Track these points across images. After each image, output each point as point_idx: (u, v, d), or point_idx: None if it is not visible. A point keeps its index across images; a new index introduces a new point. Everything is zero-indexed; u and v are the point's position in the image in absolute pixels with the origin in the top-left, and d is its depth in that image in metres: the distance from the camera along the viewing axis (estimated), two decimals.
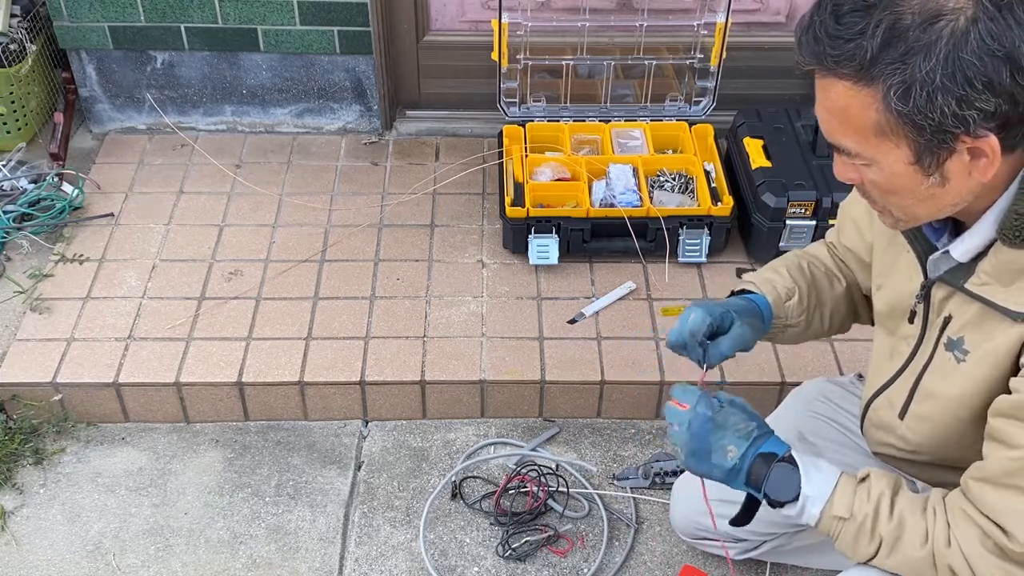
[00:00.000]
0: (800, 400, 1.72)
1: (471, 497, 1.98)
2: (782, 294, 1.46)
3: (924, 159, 1.04)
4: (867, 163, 1.09)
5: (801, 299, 1.46)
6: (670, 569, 1.87)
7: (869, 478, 1.26)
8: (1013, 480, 1.12)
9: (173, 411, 2.11)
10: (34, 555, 1.89)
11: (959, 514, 1.18)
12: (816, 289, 1.49)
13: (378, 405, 2.12)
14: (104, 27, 2.56)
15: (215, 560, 1.88)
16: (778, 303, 1.46)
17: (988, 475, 1.15)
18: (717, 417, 1.29)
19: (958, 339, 1.19)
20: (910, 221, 1.16)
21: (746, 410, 1.33)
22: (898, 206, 1.13)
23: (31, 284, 2.28)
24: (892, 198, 1.12)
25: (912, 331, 1.29)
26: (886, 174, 1.08)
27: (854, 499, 1.24)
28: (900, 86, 0.99)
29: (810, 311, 1.48)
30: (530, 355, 2.12)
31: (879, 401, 1.39)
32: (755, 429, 1.30)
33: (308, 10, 2.52)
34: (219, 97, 2.71)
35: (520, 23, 2.45)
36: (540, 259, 2.30)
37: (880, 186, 1.11)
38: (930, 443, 1.30)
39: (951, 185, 1.06)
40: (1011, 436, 1.11)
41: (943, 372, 1.22)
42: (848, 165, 1.13)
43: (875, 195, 1.14)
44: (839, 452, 1.59)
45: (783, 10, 2.67)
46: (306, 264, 2.34)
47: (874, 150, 1.06)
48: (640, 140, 2.52)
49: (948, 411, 1.23)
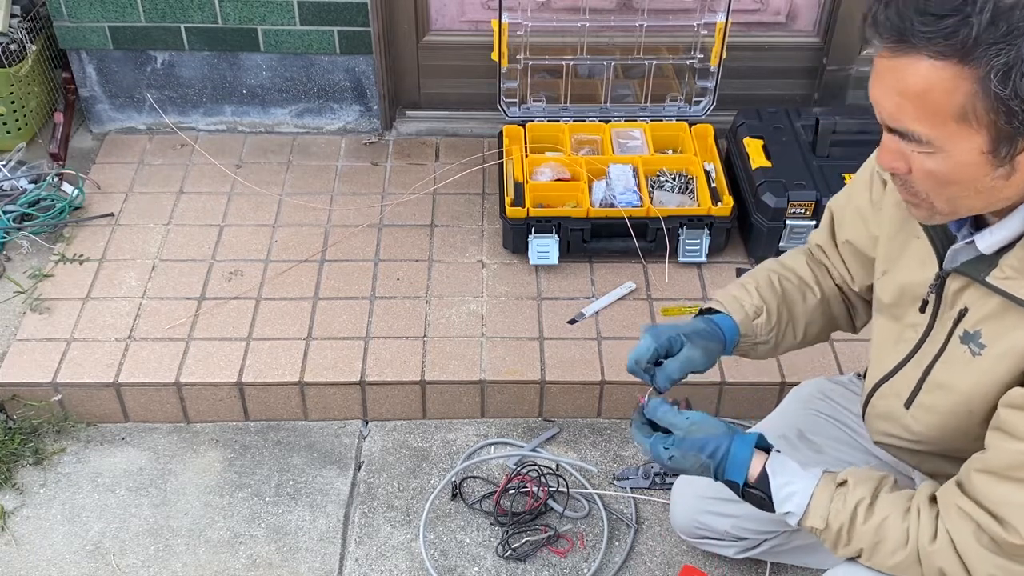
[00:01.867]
0: (800, 399, 1.72)
1: (471, 497, 1.98)
2: (749, 312, 1.46)
3: (1000, 148, 1.00)
4: (932, 151, 1.03)
5: (770, 317, 1.46)
6: (670, 569, 1.87)
7: (847, 483, 1.26)
8: (1019, 473, 1.11)
9: (173, 411, 2.11)
10: (34, 555, 1.89)
11: (953, 511, 1.17)
12: (787, 304, 1.48)
13: (378, 405, 2.12)
14: (104, 27, 2.56)
15: (215, 560, 1.88)
16: (745, 322, 1.45)
17: (992, 467, 1.14)
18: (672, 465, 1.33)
19: (975, 332, 1.17)
20: (949, 215, 1.12)
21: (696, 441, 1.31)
22: (949, 198, 1.08)
23: (31, 284, 2.28)
24: (948, 189, 1.06)
25: (921, 320, 1.27)
26: (952, 163, 1.03)
27: (829, 508, 1.25)
28: (1002, 68, 0.94)
29: (780, 327, 1.47)
30: (530, 355, 2.12)
31: (884, 389, 1.37)
32: (710, 460, 1.31)
33: (308, 10, 2.52)
34: (219, 97, 2.71)
35: (520, 23, 2.45)
36: (540, 259, 2.30)
37: (938, 176, 1.05)
38: (935, 434, 1.29)
39: (1015, 178, 1.03)
40: (1021, 429, 1.10)
41: (956, 364, 1.21)
42: (898, 153, 1.07)
43: (925, 186, 1.08)
44: (839, 450, 1.59)
45: (783, 10, 2.67)
46: (306, 264, 2.34)
47: (950, 137, 1.01)
48: (640, 140, 2.52)
49: (959, 403, 1.21)
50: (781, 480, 1.28)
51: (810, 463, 1.58)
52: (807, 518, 1.27)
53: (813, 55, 2.69)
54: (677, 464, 1.32)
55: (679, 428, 1.32)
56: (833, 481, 1.28)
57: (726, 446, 1.31)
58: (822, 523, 1.26)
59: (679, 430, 1.32)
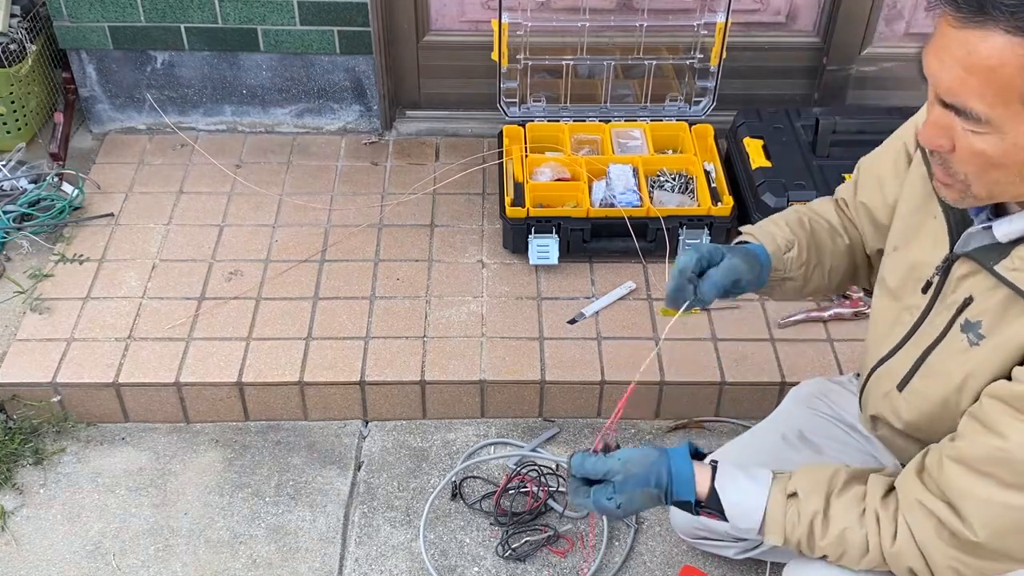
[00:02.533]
0: (800, 399, 1.72)
1: (471, 497, 1.98)
2: (781, 245, 1.42)
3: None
4: (986, 131, 0.99)
5: (800, 252, 1.42)
6: (670, 569, 1.87)
7: (797, 495, 1.25)
8: (991, 469, 1.10)
9: (173, 411, 2.11)
10: (34, 555, 1.89)
11: (914, 506, 1.17)
12: (816, 244, 1.45)
13: (378, 405, 2.12)
14: (104, 27, 2.56)
15: (215, 560, 1.88)
16: (777, 254, 1.42)
17: (967, 457, 1.13)
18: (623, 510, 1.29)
19: (977, 322, 1.15)
20: (985, 200, 1.08)
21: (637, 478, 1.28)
22: (991, 182, 1.04)
23: (31, 284, 2.28)
24: (992, 173, 1.02)
25: (920, 302, 1.26)
26: (1005, 146, 0.99)
27: (784, 523, 1.25)
28: None
29: (809, 266, 1.44)
30: (530, 355, 2.12)
31: (880, 371, 1.36)
32: (657, 489, 1.28)
33: (308, 10, 2.52)
34: (219, 97, 2.71)
35: (520, 23, 2.45)
36: (540, 259, 2.30)
37: (987, 158, 1.01)
38: (922, 421, 1.28)
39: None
40: (1001, 424, 1.09)
41: (953, 352, 1.19)
42: (946, 129, 1.02)
43: (967, 168, 1.04)
44: (839, 450, 1.59)
45: (783, 10, 2.67)
46: (306, 264, 2.34)
47: (1011, 118, 0.96)
48: (640, 140, 2.52)
49: (949, 392, 1.20)
50: (732, 498, 1.27)
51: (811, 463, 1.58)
52: (765, 535, 1.27)
53: (813, 55, 2.69)
54: (628, 507, 1.28)
55: (615, 472, 1.28)
56: (783, 492, 1.26)
57: (666, 469, 1.28)
58: (781, 539, 1.26)
59: (616, 474, 1.28)
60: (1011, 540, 1.11)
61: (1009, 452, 1.08)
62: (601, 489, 1.29)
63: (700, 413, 2.13)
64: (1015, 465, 1.08)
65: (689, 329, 2.18)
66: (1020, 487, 1.09)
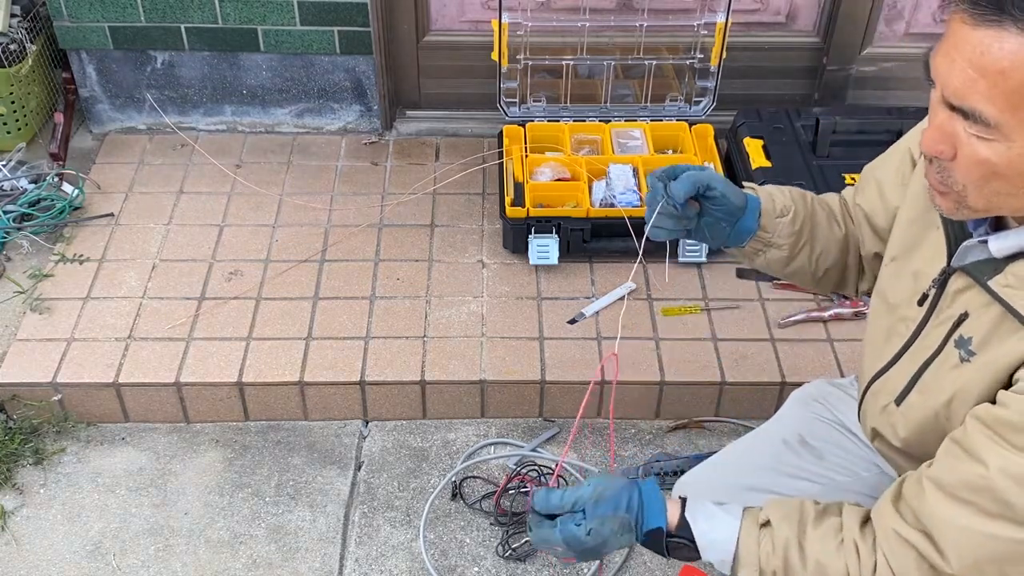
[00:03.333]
0: (800, 403, 1.71)
1: (471, 497, 1.98)
2: (777, 207, 1.39)
3: None
4: (992, 138, 0.95)
5: (794, 220, 1.39)
6: (670, 569, 1.87)
7: (770, 523, 1.22)
8: (971, 496, 1.06)
9: (173, 411, 2.11)
10: (34, 555, 1.89)
11: (892, 537, 1.13)
12: (812, 222, 1.42)
13: (378, 405, 2.12)
14: (104, 27, 2.56)
15: (215, 560, 1.88)
16: (769, 214, 1.39)
17: (945, 484, 1.09)
18: (593, 542, 1.20)
19: (968, 338, 1.12)
20: (981, 212, 1.05)
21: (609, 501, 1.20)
22: (991, 193, 1.00)
23: (31, 284, 2.28)
24: (993, 183, 0.98)
25: (916, 314, 1.23)
26: (1012, 155, 0.95)
27: (759, 554, 1.20)
28: None
29: (799, 239, 1.41)
30: (530, 355, 2.12)
31: (877, 386, 1.34)
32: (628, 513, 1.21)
33: (308, 10, 2.52)
34: (219, 97, 2.71)
35: (520, 23, 2.45)
36: (540, 259, 2.30)
37: (990, 167, 0.97)
38: (916, 438, 1.25)
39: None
40: (982, 450, 1.06)
41: (946, 368, 1.17)
42: (949, 135, 0.99)
43: (967, 177, 1.00)
44: (841, 456, 1.58)
45: (783, 10, 2.67)
46: (306, 264, 2.34)
47: (1019, 124, 0.92)
48: (640, 140, 2.52)
49: (939, 408, 1.18)
50: (703, 527, 1.22)
51: (812, 469, 1.57)
52: (739, 567, 1.22)
53: (813, 55, 2.69)
54: (598, 536, 1.20)
55: (584, 498, 1.21)
56: (756, 523, 1.23)
57: (636, 494, 1.23)
58: (756, 571, 1.21)
59: (586, 499, 1.20)
60: (989, 571, 1.06)
61: (989, 480, 1.04)
62: (569, 517, 1.21)
63: (700, 413, 2.13)
64: (995, 493, 1.04)
65: (689, 329, 2.18)
66: (1000, 516, 1.04)
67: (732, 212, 1.36)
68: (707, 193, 1.33)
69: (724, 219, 1.36)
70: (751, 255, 1.43)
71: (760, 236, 1.40)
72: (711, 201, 1.34)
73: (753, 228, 1.38)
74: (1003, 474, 1.03)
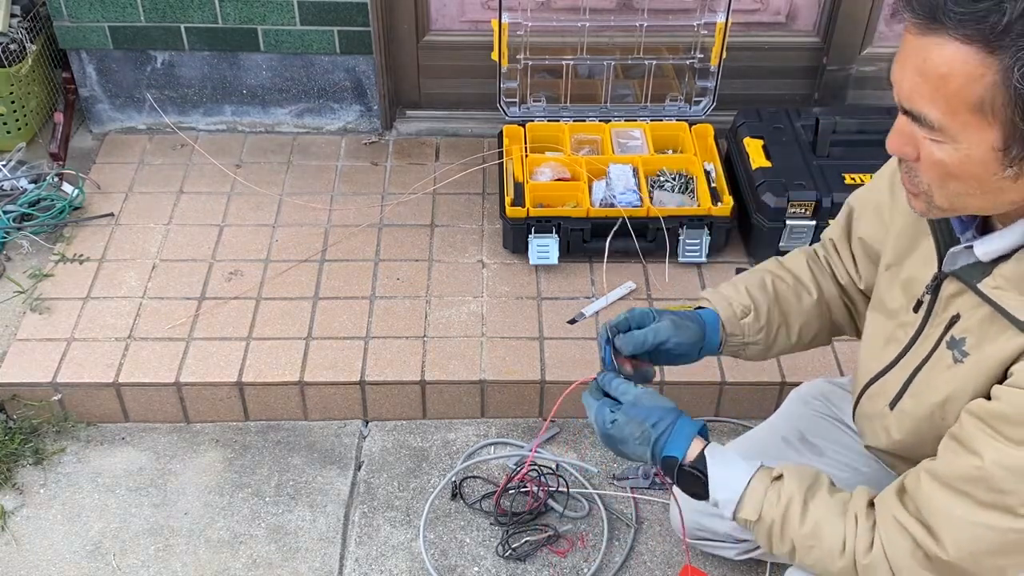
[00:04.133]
0: (800, 400, 1.72)
1: (471, 497, 1.98)
2: (736, 311, 1.45)
3: (1012, 148, 0.96)
4: (941, 140, 0.99)
5: (758, 316, 1.44)
6: (670, 569, 1.87)
7: (783, 477, 1.26)
8: (967, 488, 1.09)
9: (173, 411, 2.11)
10: (34, 555, 1.89)
11: (891, 523, 1.16)
12: (780, 305, 1.47)
13: (378, 405, 2.12)
14: (104, 27, 2.56)
15: (215, 560, 1.88)
16: (732, 319, 1.45)
17: (943, 476, 1.12)
18: (612, 432, 1.32)
19: (961, 339, 1.15)
20: (948, 212, 1.09)
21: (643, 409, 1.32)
22: (952, 194, 1.04)
23: (31, 284, 2.28)
24: (951, 184, 1.03)
25: (913, 320, 1.26)
26: (960, 156, 0.99)
27: (763, 501, 1.25)
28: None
29: (771, 329, 1.46)
30: (530, 355, 2.12)
31: (873, 390, 1.36)
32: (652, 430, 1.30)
33: (308, 10, 2.52)
34: (219, 97, 2.71)
35: (520, 23, 2.45)
36: (540, 259, 2.30)
37: (944, 168, 1.01)
38: (910, 440, 1.27)
39: (1023, 181, 0.99)
40: (977, 442, 1.08)
41: (939, 370, 1.19)
42: (908, 138, 1.03)
43: (928, 177, 1.04)
44: (841, 452, 1.59)
45: (783, 10, 2.67)
46: (306, 264, 2.34)
47: (961, 127, 0.97)
48: (640, 140, 2.52)
49: (933, 409, 1.20)
50: (718, 466, 1.28)
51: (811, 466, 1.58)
52: (741, 509, 1.27)
53: (813, 55, 2.69)
54: (618, 431, 1.31)
55: (628, 395, 1.33)
56: (769, 475, 1.27)
57: (671, 420, 1.31)
58: (755, 515, 1.25)
59: (628, 396, 1.33)
60: (985, 561, 1.10)
61: (984, 471, 1.07)
62: (609, 402, 1.34)
63: (700, 413, 2.13)
64: (991, 483, 1.07)
65: None
66: (995, 506, 1.08)
67: (691, 348, 1.42)
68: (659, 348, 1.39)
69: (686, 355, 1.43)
70: (734, 354, 1.50)
71: (731, 341, 1.46)
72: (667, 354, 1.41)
73: (717, 343, 1.45)
74: (998, 466, 1.07)
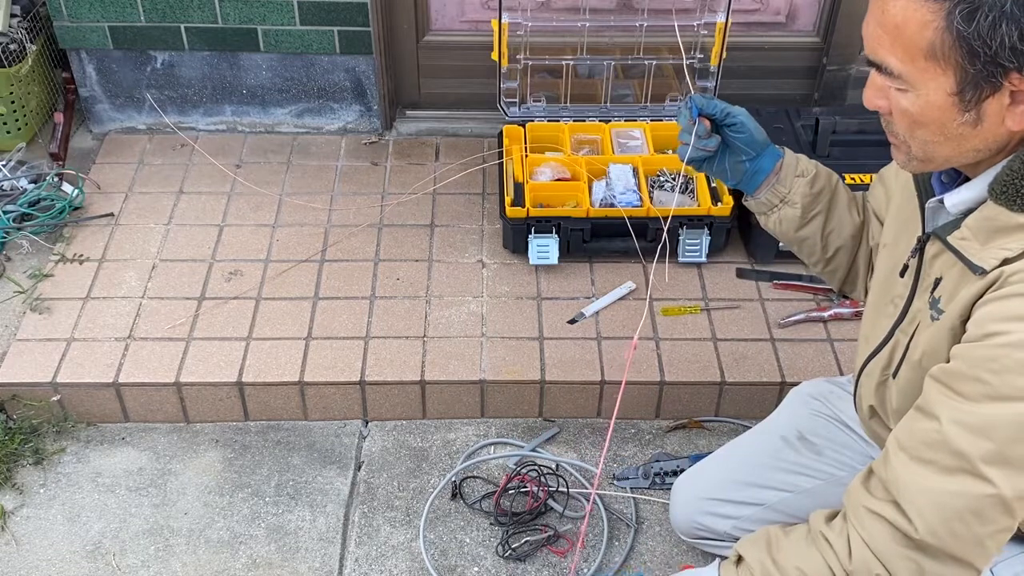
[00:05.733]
0: (799, 400, 1.72)
1: (471, 497, 1.98)
2: (800, 167, 1.46)
3: (966, 92, 1.02)
4: (904, 88, 1.06)
5: (813, 182, 1.46)
6: (670, 569, 1.87)
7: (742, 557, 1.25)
8: (929, 454, 1.07)
9: (173, 411, 2.11)
10: (34, 555, 1.89)
11: (863, 515, 1.14)
12: (832, 194, 1.48)
13: (378, 405, 2.12)
14: (104, 27, 2.56)
15: (215, 560, 1.88)
16: (790, 169, 1.46)
17: (907, 445, 1.11)
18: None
19: (939, 298, 1.16)
20: (925, 163, 1.12)
21: None
22: (921, 141, 1.09)
23: (31, 284, 2.28)
24: (918, 131, 1.08)
25: (902, 289, 1.27)
26: (921, 103, 1.05)
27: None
28: (967, 6, 0.96)
29: (815, 204, 1.47)
30: (530, 355, 2.12)
31: (872, 364, 1.36)
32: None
33: (308, 10, 2.52)
34: (219, 97, 2.71)
35: (520, 23, 2.45)
36: (540, 259, 2.30)
37: (911, 116, 1.07)
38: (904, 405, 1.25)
39: (982, 127, 1.04)
40: (935, 405, 1.08)
41: (923, 331, 1.20)
42: (880, 90, 1.09)
43: (901, 127, 1.10)
44: (839, 451, 1.59)
45: (783, 10, 2.67)
46: (306, 264, 2.34)
47: (919, 74, 1.03)
48: (640, 140, 2.52)
49: (916, 372, 1.20)
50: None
51: (810, 465, 1.58)
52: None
53: (813, 55, 2.69)
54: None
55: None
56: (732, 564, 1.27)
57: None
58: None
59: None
60: (960, 531, 1.06)
61: (943, 433, 1.06)
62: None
63: (700, 413, 2.13)
64: (950, 446, 1.05)
65: (689, 329, 2.18)
66: (959, 470, 1.05)
67: (751, 144, 1.44)
68: (728, 120, 1.42)
69: (743, 151, 1.44)
70: (766, 209, 1.50)
71: (776, 189, 1.46)
72: (732, 128, 1.43)
73: (768, 169, 1.46)
74: (954, 424, 1.05)
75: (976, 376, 1.04)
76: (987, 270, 1.05)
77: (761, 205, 1.49)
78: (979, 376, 1.03)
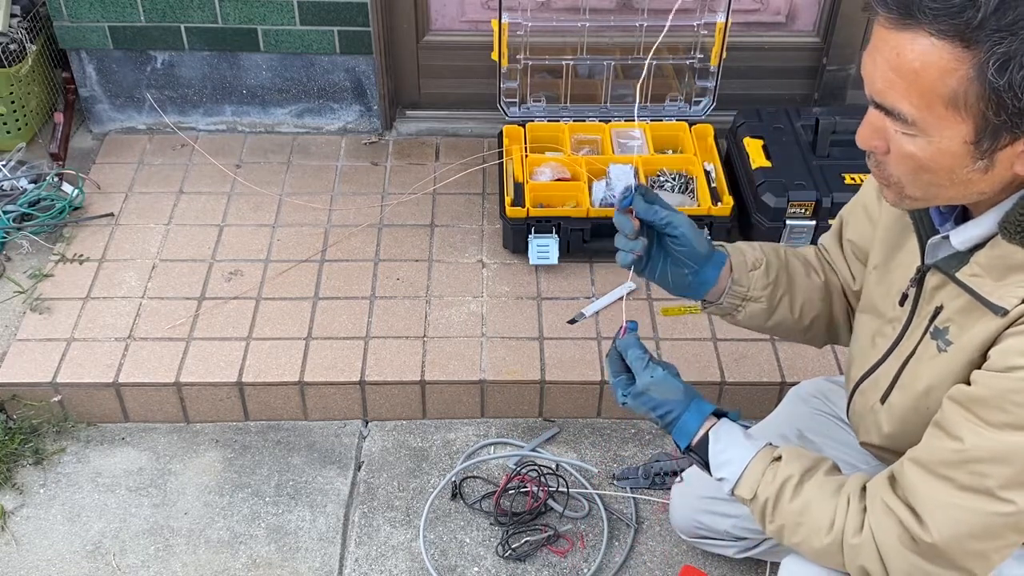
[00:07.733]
0: (799, 398, 1.72)
1: (471, 497, 1.98)
2: (748, 261, 1.42)
3: (983, 141, 0.98)
4: (914, 134, 1.01)
5: (767, 271, 1.42)
6: (670, 569, 1.87)
7: (781, 459, 1.28)
8: (947, 472, 1.11)
9: (173, 411, 2.11)
10: (34, 555, 1.89)
11: (879, 506, 1.17)
12: (788, 272, 1.45)
13: (378, 405, 2.12)
14: (104, 27, 2.56)
15: (215, 560, 1.88)
16: (741, 267, 1.41)
17: (925, 460, 1.14)
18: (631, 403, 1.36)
19: (944, 328, 1.16)
20: (921, 202, 1.10)
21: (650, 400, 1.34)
22: (924, 184, 1.06)
23: (31, 284, 2.28)
24: (923, 175, 1.04)
25: (900, 315, 1.27)
26: (933, 150, 1.01)
27: (760, 480, 1.27)
28: (1001, 57, 0.92)
29: (776, 290, 1.43)
30: (530, 355, 2.12)
31: (864, 386, 1.37)
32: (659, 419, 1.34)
33: (308, 10, 2.52)
34: (219, 97, 2.71)
35: (520, 23, 2.45)
36: (540, 259, 2.30)
37: (916, 161, 1.03)
38: (899, 433, 1.28)
39: (992, 173, 1.02)
40: (958, 427, 1.10)
41: (924, 361, 1.21)
42: (878, 131, 1.05)
43: (900, 170, 1.06)
44: (839, 449, 1.59)
45: (783, 10, 2.67)
46: (306, 264, 2.34)
47: (936, 121, 0.99)
48: (640, 140, 2.52)
49: (918, 399, 1.21)
50: (720, 446, 1.31)
51: None
52: (738, 487, 1.29)
53: (813, 55, 2.69)
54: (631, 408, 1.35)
55: (639, 381, 1.33)
56: (770, 455, 1.29)
57: (677, 413, 1.33)
58: (750, 493, 1.28)
59: (639, 383, 1.33)
60: (968, 545, 1.11)
61: (965, 454, 1.09)
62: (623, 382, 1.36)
63: None
64: (971, 467, 1.09)
65: (689, 329, 2.18)
66: (976, 490, 1.09)
67: (693, 257, 1.37)
68: (668, 230, 1.35)
69: (686, 263, 1.37)
70: (731, 311, 1.45)
71: (735, 291, 1.42)
72: (674, 240, 1.35)
73: (714, 280, 1.40)
74: (977, 449, 1.08)
75: (1000, 406, 1.06)
76: (1008, 310, 1.06)
77: (724, 308, 1.44)
78: (1003, 406, 1.06)
